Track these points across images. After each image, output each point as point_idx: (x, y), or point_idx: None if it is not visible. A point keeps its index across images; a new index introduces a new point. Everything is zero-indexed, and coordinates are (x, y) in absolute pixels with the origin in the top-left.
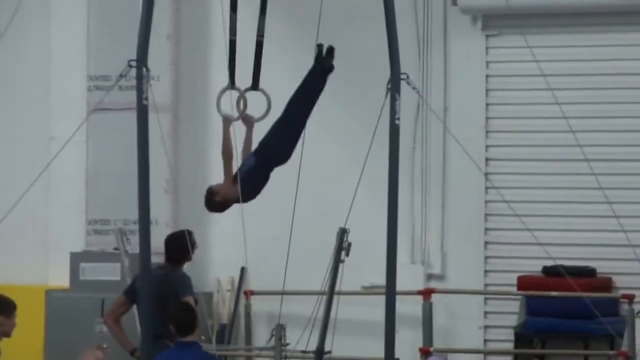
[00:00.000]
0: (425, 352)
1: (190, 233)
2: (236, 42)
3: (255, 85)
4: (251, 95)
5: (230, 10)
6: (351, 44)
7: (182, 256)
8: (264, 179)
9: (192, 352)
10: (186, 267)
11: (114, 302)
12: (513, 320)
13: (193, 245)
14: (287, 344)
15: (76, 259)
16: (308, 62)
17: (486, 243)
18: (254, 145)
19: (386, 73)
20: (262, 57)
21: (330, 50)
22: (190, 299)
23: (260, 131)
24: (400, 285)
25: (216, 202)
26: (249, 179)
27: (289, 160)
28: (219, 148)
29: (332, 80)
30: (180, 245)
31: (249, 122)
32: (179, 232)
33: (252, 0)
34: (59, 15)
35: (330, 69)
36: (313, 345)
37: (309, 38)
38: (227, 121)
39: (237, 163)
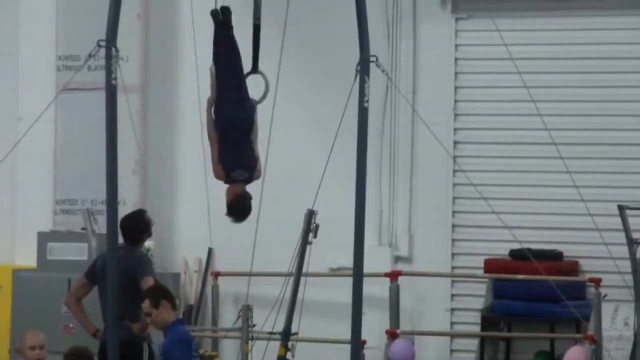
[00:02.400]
0: (392, 334)
1: (143, 212)
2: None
3: (254, 69)
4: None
5: None
6: (320, 26)
7: (139, 236)
8: (238, 143)
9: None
10: (154, 248)
11: (76, 284)
12: (480, 303)
13: (148, 223)
14: (254, 325)
15: (43, 238)
16: (274, 44)
17: (453, 226)
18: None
19: (355, 55)
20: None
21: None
22: (149, 280)
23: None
24: (367, 267)
25: (232, 202)
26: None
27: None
28: (187, 129)
29: (301, 61)
30: (135, 226)
31: None
32: (132, 212)
33: None
34: None
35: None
36: (280, 327)
37: (277, 20)
38: (210, 103)
39: None
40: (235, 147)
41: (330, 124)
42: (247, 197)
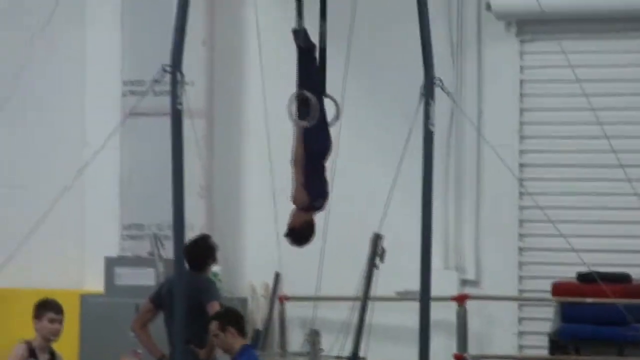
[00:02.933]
0: (459, 359)
1: (208, 237)
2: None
3: (323, 92)
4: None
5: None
6: (385, 49)
7: (203, 262)
8: (323, 171)
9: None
10: (221, 273)
11: (141, 309)
12: (548, 327)
13: (213, 249)
14: (322, 350)
15: (111, 263)
16: (339, 66)
17: (520, 249)
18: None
19: (420, 78)
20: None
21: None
22: (215, 304)
23: None
24: (434, 291)
25: (300, 229)
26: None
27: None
28: (253, 152)
29: (365, 85)
30: (199, 252)
31: None
32: (196, 238)
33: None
34: (94, 20)
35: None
36: (347, 351)
37: (342, 43)
38: (299, 128)
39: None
40: (321, 174)
41: (395, 148)
42: (314, 225)
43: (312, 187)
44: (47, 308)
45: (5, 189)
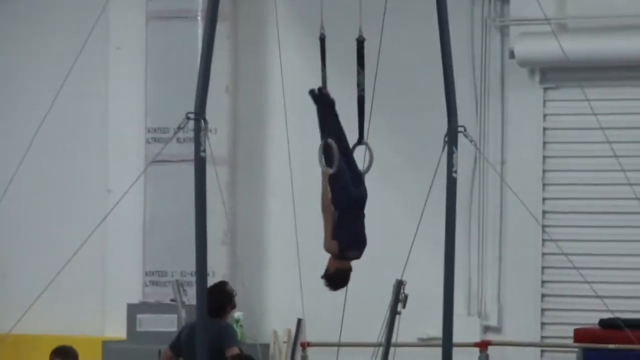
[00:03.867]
0: None
1: (225, 283)
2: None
3: (360, 140)
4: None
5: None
6: (408, 96)
7: (222, 309)
8: (356, 220)
9: None
10: (243, 319)
11: (161, 356)
12: None
13: (231, 295)
14: None
15: (133, 310)
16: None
17: (543, 295)
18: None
19: (443, 125)
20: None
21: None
22: (234, 349)
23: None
24: (456, 337)
25: (333, 275)
26: (343, 229)
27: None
28: (276, 200)
29: (389, 132)
30: (217, 298)
31: None
32: (214, 285)
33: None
34: (118, 68)
35: (328, 102)
36: None
37: (367, 89)
38: (326, 174)
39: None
40: (355, 224)
41: (418, 195)
42: (348, 272)
43: (342, 236)
44: (59, 355)
45: (27, 234)
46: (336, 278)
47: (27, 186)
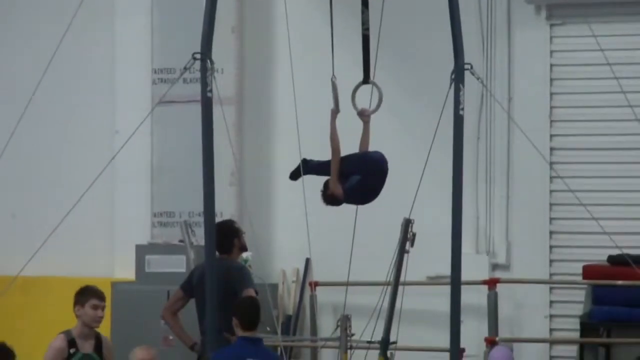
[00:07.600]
0: (490, 342)
1: (232, 221)
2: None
3: (366, 79)
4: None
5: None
6: (415, 35)
7: (229, 243)
8: (371, 190)
9: (256, 348)
10: (252, 259)
11: (172, 297)
12: (579, 310)
13: (237, 229)
14: (353, 335)
15: (142, 251)
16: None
17: (551, 232)
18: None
19: (450, 63)
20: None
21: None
22: (251, 291)
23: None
24: (465, 275)
25: (327, 195)
26: (353, 192)
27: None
28: (283, 140)
29: (396, 71)
30: (224, 232)
31: (364, 116)
32: (220, 221)
33: None
34: (123, 8)
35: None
36: (378, 336)
37: (372, 30)
38: (334, 115)
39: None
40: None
41: (425, 133)
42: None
43: (350, 195)
44: (90, 294)
45: (36, 175)
46: (332, 199)
47: (35, 127)
